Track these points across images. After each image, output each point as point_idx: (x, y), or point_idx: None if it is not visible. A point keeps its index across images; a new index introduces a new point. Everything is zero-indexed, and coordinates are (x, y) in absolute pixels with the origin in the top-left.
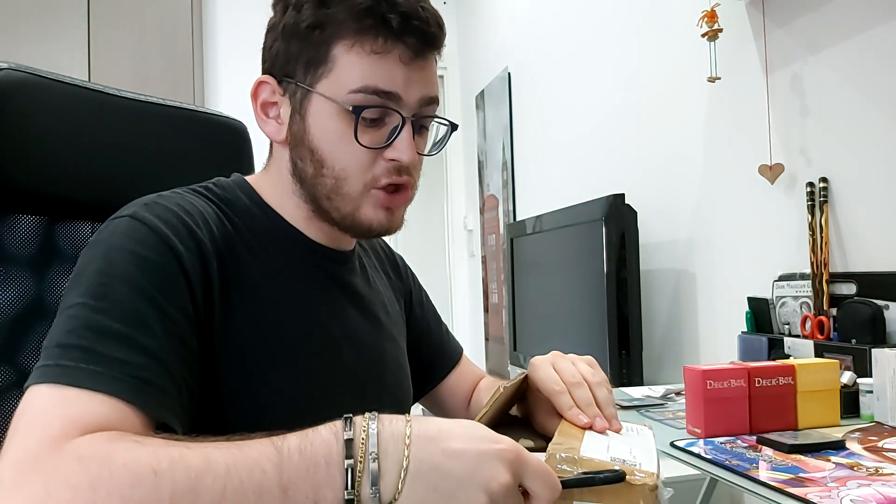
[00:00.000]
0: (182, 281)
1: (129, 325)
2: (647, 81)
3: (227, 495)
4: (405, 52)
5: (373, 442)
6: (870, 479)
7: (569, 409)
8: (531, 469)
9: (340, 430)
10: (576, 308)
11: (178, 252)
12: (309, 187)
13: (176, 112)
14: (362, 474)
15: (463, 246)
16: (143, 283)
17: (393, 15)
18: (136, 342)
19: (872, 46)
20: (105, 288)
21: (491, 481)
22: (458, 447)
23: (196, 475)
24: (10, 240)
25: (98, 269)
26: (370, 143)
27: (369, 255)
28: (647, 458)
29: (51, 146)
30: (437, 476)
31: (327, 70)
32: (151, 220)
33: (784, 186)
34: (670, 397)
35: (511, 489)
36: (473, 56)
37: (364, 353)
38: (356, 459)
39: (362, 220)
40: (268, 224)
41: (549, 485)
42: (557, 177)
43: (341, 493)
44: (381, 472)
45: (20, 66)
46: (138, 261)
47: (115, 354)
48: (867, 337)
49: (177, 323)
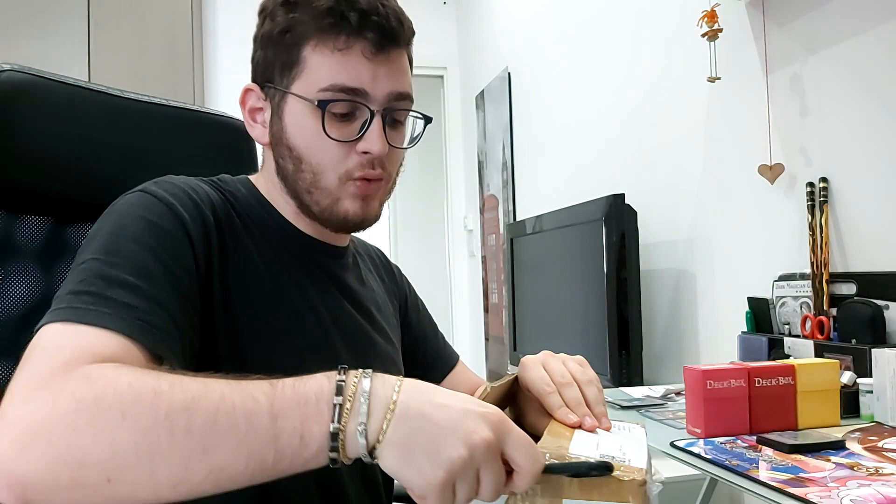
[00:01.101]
0: (187, 244)
1: (137, 276)
2: (647, 81)
3: (219, 418)
4: (367, 47)
5: (364, 385)
6: (870, 479)
7: (558, 409)
8: (514, 436)
9: (334, 374)
10: (576, 308)
11: (183, 219)
12: (291, 184)
13: (179, 113)
14: (350, 412)
15: (463, 246)
16: (151, 243)
17: (352, 13)
18: (143, 290)
19: (872, 46)
20: (116, 245)
21: (473, 435)
22: (445, 402)
23: (192, 397)
24: (19, 239)
25: (110, 230)
26: (340, 136)
27: (364, 259)
28: (637, 455)
29: (55, 147)
30: (422, 421)
31: (299, 71)
32: (160, 192)
33: (784, 186)
34: (670, 397)
35: (492, 448)
36: (473, 56)
37: (354, 341)
38: (345, 398)
39: (339, 211)
40: (265, 216)
41: (530, 456)
42: (557, 177)
43: (327, 426)
44: (369, 412)
45: (23, 67)
46: (147, 224)
47: (123, 300)
48: (867, 337)
49: (181, 280)
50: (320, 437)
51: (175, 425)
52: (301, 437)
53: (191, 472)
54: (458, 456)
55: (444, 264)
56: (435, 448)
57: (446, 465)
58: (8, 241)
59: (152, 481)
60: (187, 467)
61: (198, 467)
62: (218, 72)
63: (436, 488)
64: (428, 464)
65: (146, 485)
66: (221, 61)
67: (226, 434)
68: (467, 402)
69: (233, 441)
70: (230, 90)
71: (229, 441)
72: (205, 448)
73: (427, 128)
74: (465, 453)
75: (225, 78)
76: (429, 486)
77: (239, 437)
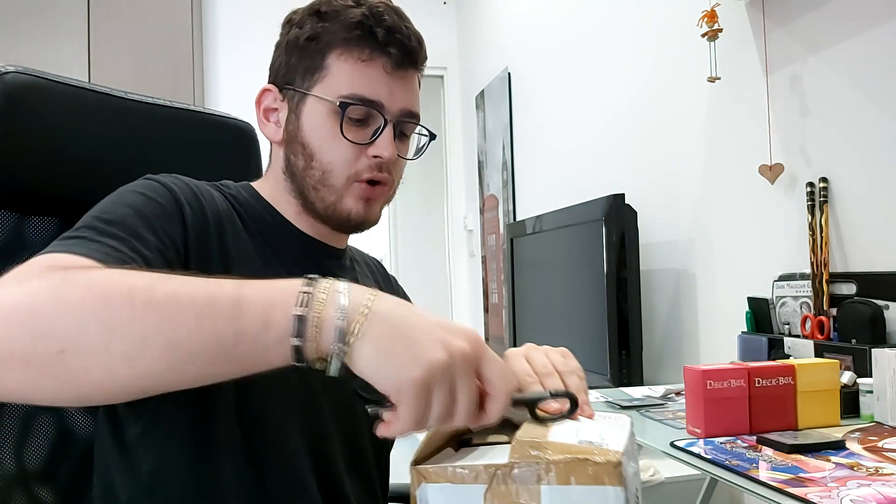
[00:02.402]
0: (180, 224)
1: (126, 233)
2: (648, 81)
3: (180, 294)
4: (388, 62)
5: (340, 285)
6: (870, 479)
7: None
8: (489, 355)
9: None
10: (576, 308)
11: (181, 204)
12: (299, 180)
13: (180, 113)
14: (324, 304)
15: (463, 246)
16: (145, 211)
17: (379, 28)
18: (130, 244)
19: (872, 46)
20: (112, 208)
21: (453, 343)
22: (424, 313)
23: (158, 278)
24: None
25: (109, 199)
26: (354, 138)
27: (361, 265)
28: (616, 440)
29: (59, 149)
30: (401, 322)
31: (322, 76)
32: (163, 179)
33: (784, 186)
34: (670, 397)
35: (469, 360)
36: (473, 56)
37: None
38: (316, 290)
39: (342, 209)
40: (266, 216)
41: (504, 375)
42: (557, 177)
43: (291, 310)
44: (346, 308)
45: (26, 69)
46: (146, 199)
47: (110, 243)
48: (867, 337)
49: (168, 248)
50: (284, 321)
51: (136, 297)
52: (264, 322)
53: (147, 345)
54: (438, 358)
55: (444, 264)
56: (415, 347)
57: (425, 365)
58: (15, 242)
59: (107, 353)
60: (143, 341)
61: (154, 341)
62: (218, 72)
63: (414, 386)
64: (408, 361)
65: (100, 357)
66: (221, 61)
67: (185, 309)
68: (446, 318)
69: (191, 316)
70: (230, 90)
71: (188, 316)
72: (163, 321)
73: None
74: (444, 357)
75: (225, 78)
76: (407, 383)
77: (198, 312)
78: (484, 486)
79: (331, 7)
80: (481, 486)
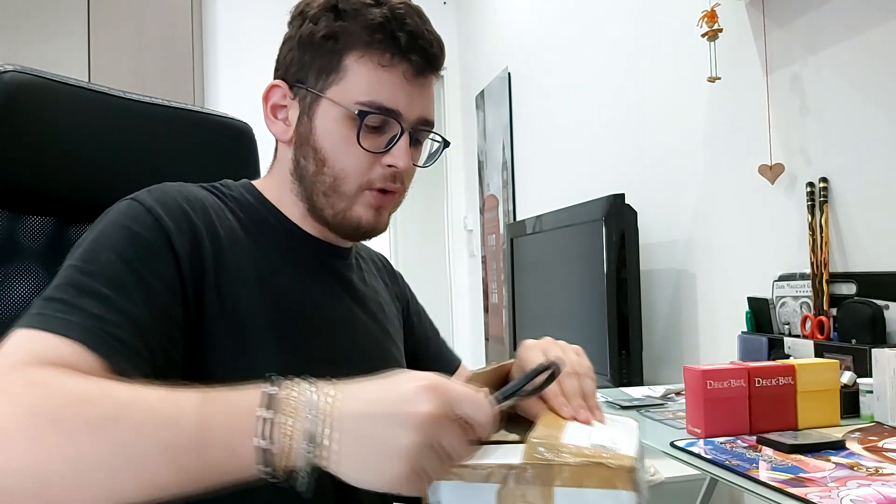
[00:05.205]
0: (170, 257)
1: (110, 288)
2: (648, 81)
3: (144, 429)
4: (409, 69)
5: (300, 400)
6: (870, 479)
7: (555, 397)
8: (454, 395)
9: (266, 386)
10: (576, 308)
11: (168, 231)
12: (308, 184)
13: (180, 113)
14: (289, 436)
15: (463, 246)
16: (129, 255)
17: (401, 33)
18: (114, 303)
19: (872, 46)
20: (95, 254)
21: (416, 415)
22: (379, 394)
23: (122, 406)
24: (21, 239)
25: (93, 238)
26: (370, 147)
27: (367, 262)
28: (628, 445)
29: (57, 148)
30: (362, 423)
31: (338, 78)
32: (149, 201)
33: (784, 186)
34: (670, 397)
35: (439, 418)
36: (473, 56)
37: (359, 340)
38: (277, 412)
39: (352, 217)
40: (268, 218)
41: (478, 407)
42: (557, 177)
43: (253, 440)
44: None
45: (25, 68)
46: (129, 235)
47: (93, 310)
48: (867, 337)
49: (158, 293)
50: (248, 450)
51: (101, 436)
52: (230, 452)
53: (119, 483)
54: (410, 443)
55: (444, 264)
56: (385, 445)
57: (403, 456)
58: (10, 242)
59: (82, 492)
60: (115, 479)
61: (125, 478)
62: (218, 72)
63: (403, 482)
64: (385, 462)
65: (77, 495)
66: (221, 61)
67: (151, 445)
68: (400, 382)
69: (157, 452)
70: (230, 90)
71: (154, 452)
72: (130, 459)
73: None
74: (415, 438)
75: (225, 78)
76: (394, 478)
77: (163, 448)
78: (496, 485)
79: (349, 5)
80: (494, 485)
